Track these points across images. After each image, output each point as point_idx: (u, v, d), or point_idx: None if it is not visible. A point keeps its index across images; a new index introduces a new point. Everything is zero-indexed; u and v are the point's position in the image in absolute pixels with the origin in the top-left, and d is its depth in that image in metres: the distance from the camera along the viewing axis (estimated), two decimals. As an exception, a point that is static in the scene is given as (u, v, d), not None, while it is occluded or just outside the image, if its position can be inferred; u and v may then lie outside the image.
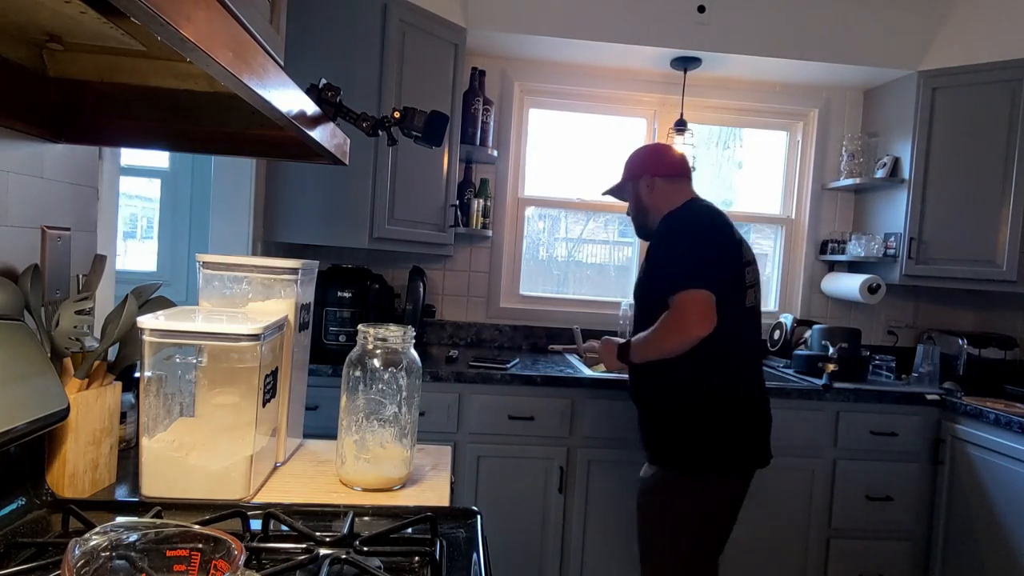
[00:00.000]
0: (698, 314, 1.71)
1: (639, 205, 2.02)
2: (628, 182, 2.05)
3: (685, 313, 1.72)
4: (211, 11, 0.60)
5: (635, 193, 2.02)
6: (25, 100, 1.01)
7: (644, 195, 1.99)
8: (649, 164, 2.01)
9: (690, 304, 1.71)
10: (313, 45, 2.42)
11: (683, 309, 1.72)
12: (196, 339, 1.00)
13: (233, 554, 0.61)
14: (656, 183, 1.97)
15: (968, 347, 2.84)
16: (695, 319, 1.71)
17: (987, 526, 2.34)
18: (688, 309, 1.72)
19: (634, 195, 2.03)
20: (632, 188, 2.03)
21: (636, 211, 2.04)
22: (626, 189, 2.07)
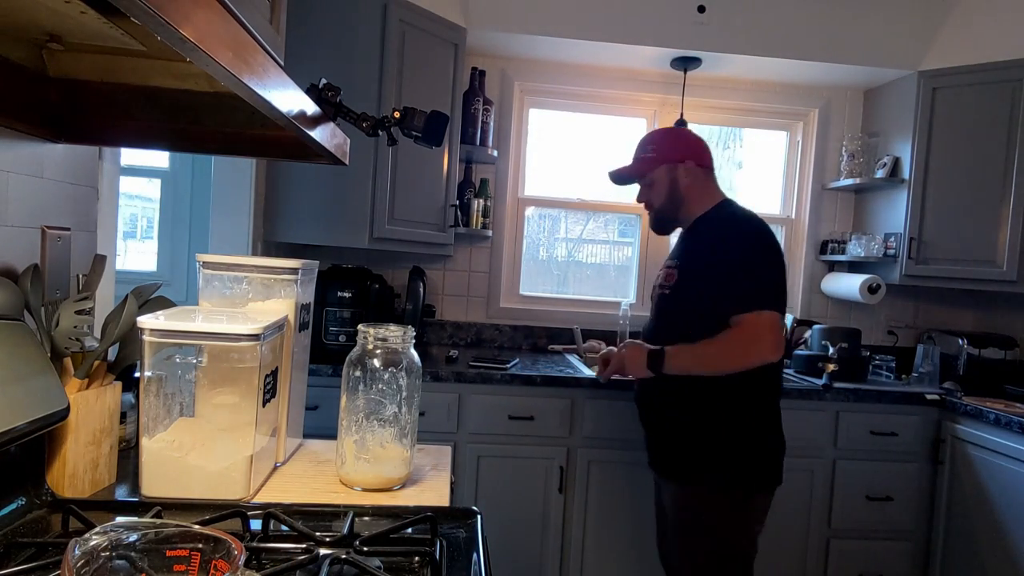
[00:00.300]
0: (775, 340, 1.59)
1: (673, 194, 1.78)
2: (661, 165, 1.78)
3: (761, 335, 1.59)
4: (211, 11, 0.60)
5: (670, 179, 1.78)
6: (25, 100, 1.01)
7: (683, 184, 1.77)
8: (692, 150, 1.79)
9: (768, 327, 1.59)
10: (313, 45, 2.42)
11: (760, 330, 1.59)
12: (196, 339, 1.00)
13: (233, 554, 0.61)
14: (698, 173, 1.78)
15: (968, 347, 2.84)
16: (771, 345, 1.59)
17: (987, 526, 2.34)
18: (765, 332, 1.59)
19: (668, 182, 1.78)
20: (667, 174, 1.78)
21: (667, 201, 1.80)
22: (654, 173, 1.80)
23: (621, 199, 3.26)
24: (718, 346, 1.63)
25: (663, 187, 1.80)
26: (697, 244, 1.75)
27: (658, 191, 1.81)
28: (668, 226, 1.85)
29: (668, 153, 1.79)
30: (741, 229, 1.69)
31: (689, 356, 1.67)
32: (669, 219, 1.84)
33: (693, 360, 1.67)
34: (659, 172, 1.79)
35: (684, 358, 1.68)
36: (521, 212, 3.21)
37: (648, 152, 1.81)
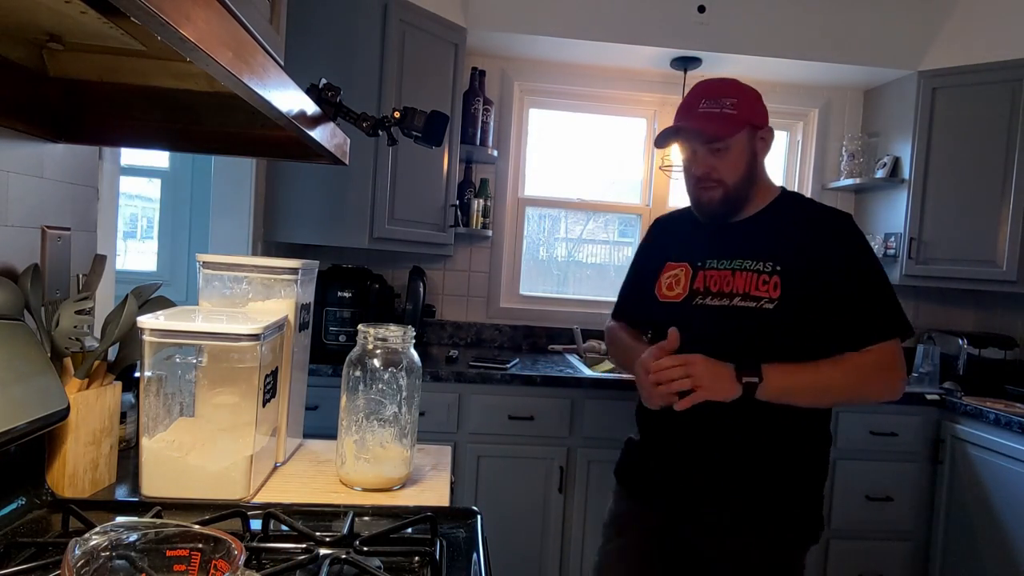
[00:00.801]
0: (905, 372, 1.36)
1: (751, 169, 1.40)
2: (744, 127, 1.37)
3: (900, 364, 1.34)
4: (211, 11, 0.60)
5: (751, 149, 1.40)
6: (25, 100, 1.01)
7: (762, 157, 1.43)
8: (766, 112, 1.43)
9: (902, 356, 1.34)
10: (313, 45, 2.42)
11: (899, 360, 1.33)
12: (196, 339, 1.00)
13: (233, 554, 0.61)
14: (770, 144, 1.44)
15: (968, 347, 2.84)
16: (904, 377, 1.35)
17: (987, 526, 2.34)
18: (902, 361, 1.34)
19: (749, 152, 1.39)
20: (749, 141, 1.39)
21: (744, 177, 1.39)
22: (735, 137, 1.37)
23: (621, 199, 3.26)
24: (846, 371, 1.30)
25: (742, 158, 1.38)
26: (804, 243, 1.35)
27: (735, 162, 1.37)
28: (732, 212, 1.42)
29: (753, 113, 1.38)
30: (856, 230, 1.39)
31: (800, 378, 1.30)
32: (740, 201, 1.41)
33: (806, 383, 1.30)
34: (741, 137, 1.36)
35: (791, 380, 1.30)
36: (521, 212, 3.21)
37: (728, 107, 1.35)
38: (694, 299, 1.42)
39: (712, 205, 1.41)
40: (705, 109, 1.37)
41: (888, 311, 1.33)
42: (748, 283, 1.36)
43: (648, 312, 1.52)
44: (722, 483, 1.38)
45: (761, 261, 1.37)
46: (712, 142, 1.36)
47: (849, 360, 1.31)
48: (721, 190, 1.39)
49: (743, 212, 1.43)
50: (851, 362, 1.31)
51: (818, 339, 1.33)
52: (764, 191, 1.44)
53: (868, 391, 1.35)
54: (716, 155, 1.38)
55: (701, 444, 1.39)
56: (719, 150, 1.37)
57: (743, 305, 1.35)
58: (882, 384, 1.34)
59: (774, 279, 1.34)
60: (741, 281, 1.37)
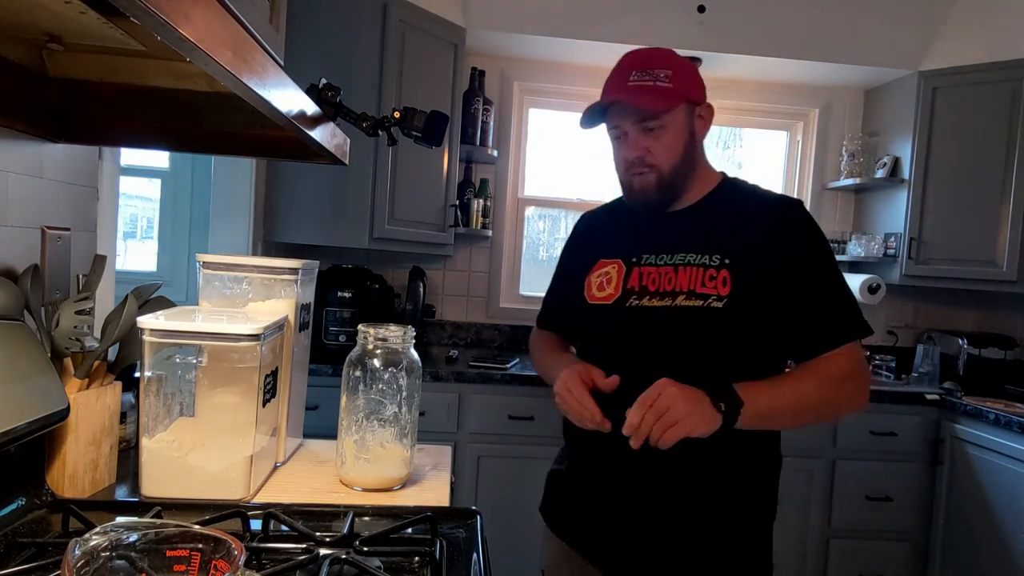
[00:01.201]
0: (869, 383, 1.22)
1: (689, 150, 1.22)
2: (682, 102, 1.19)
3: (866, 373, 1.20)
4: (210, 11, 0.60)
5: (689, 127, 1.21)
6: (25, 100, 1.01)
7: (700, 135, 1.24)
8: (704, 89, 1.25)
9: (864, 361, 1.21)
10: (313, 45, 2.42)
11: (864, 366, 1.19)
12: (196, 339, 1.00)
13: (233, 554, 0.61)
14: (709, 122, 1.26)
15: (968, 347, 2.84)
16: (867, 392, 1.21)
17: (987, 526, 2.34)
18: (866, 368, 1.21)
19: (687, 130, 1.21)
20: (687, 117, 1.21)
21: (682, 160, 1.20)
22: (672, 114, 1.18)
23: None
24: (821, 384, 1.14)
25: (679, 137, 1.20)
26: (754, 233, 1.18)
27: (671, 142, 1.19)
28: (669, 200, 1.24)
29: (690, 86, 1.20)
30: (808, 218, 1.22)
31: (779, 398, 1.12)
32: (678, 187, 1.23)
33: (786, 403, 1.13)
34: (677, 114, 1.19)
35: (770, 401, 1.11)
36: (521, 212, 3.21)
37: (662, 79, 1.17)
38: (628, 300, 1.21)
39: (646, 192, 1.22)
40: (636, 82, 1.17)
41: (847, 310, 1.18)
42: (693, 279, 1.17)
43: (577, 318, 1.32)
44: (663, 529, 1.18)
45: (707, 254, 1.18)
46: (645, 120, 1.17)
47: (820, 370, 1.15)
48: (655, 175, 1.20)
49: (681, 200, 1.25)
50: (823, 373, 1.15)
51: (770, 343, 1.18)
52: (704, 177, 1.26)
53: (842, 405, 1.18)
54: (650, 135, 1.19)
55: (637, 478, 1.17)
56: (653, 129, 1.18)
57: (688, 305, 1.15)
58: (853, 395, 1.17)
59: (722, 274, 1.16)
60: (685, 277, 1.18)
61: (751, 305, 1.14)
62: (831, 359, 1.15)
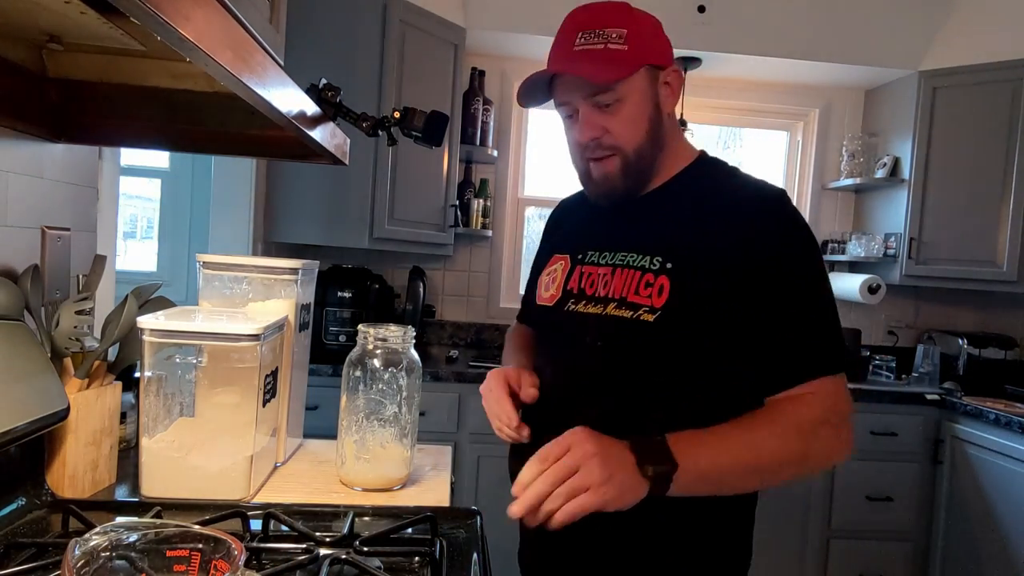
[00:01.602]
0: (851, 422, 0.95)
1: (655, 125, 0.99)
2: (640, 66, 0.96)
3: (846, 413, 0.94)
4: (210, 11, 0.60)
5: (651, 98, 0.99)
6: (25, 100, 1.01)
7: (666, 106, 1.01)
8: (669, 44, 1.02)
9: (848, 400, 0.95)
10: (313, 45, 2.42)
11: (845, 406, 0.94)
12: (196, 339, 1.00)
13: (233, 554, 0.61)
14: (678, 90, 1.02)
15: (968, 347, 2.84)
16: (850, 431, 0.95)
17: (987, 526, 2.34)
18: (848, 408, 0.94)
19: (650, 101, 0.98)
20: (649, 85, 0.98)
21: (647, 136, 0.98)
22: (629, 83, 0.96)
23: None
24: (786, 434, 0.88)
25: (642, 111, 0.97)
26: (711, 232, 0.95)
27: (632, 118, 0.97)
28: (637, 188, 1.02)
29: (650, 47, 0.97)
30: (789, 214, 0.96)
31: (725, 455, 0.86)
32: (645, 172, 1.01)
33: (734, 462, 0.87)
34: (637, 82, 0.96)
35: (713, 459, 0.86)
36: (521, 212, 3.21)
37: (615, 40, 0.95)
38: (566, 303, 1.03)
39: (609, 182, 1.00)
40: (584, 46, 0.96)
41: (824, 336, 0.92)
42: (628, 284, 0.97)
43: (530, 318, 1.21)
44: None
45: (648, 255, 0.97)
46: (597, 93, 0.96)
47: (784, 415, 0.89)
48: (618, 160, 0.98)
49: (646, 183, 1.02)
50: (788, 418, 0.88)
51: (713, 373, 0.94)
52: (674, 157, 1.03)
53: (812, 460, 0.91)
54: (605, 112, 0.97)
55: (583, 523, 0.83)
56: (609, 105, 0.96)
57: (617, 315, 0.95)
58: (830, 447, 0.91)
59: (660, 280, 0.94)
60: (619, 281, 0.98)
61: (692, 321, 0.91)
62: (800, 401, 0.89)
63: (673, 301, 0.92)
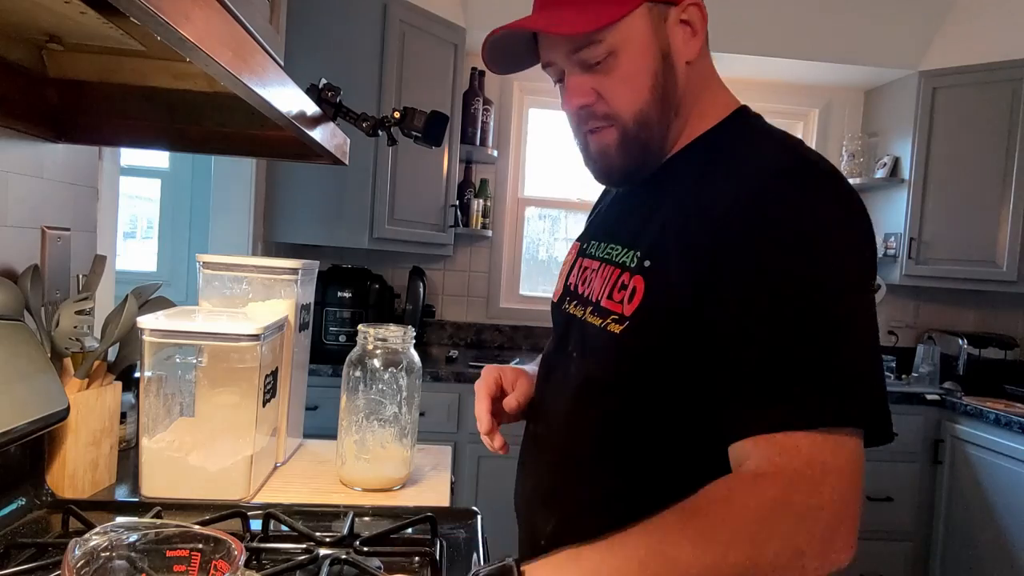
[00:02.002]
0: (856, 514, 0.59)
1: (662, 79, 0.75)
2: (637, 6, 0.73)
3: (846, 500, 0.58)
4: (210, 11, 0.60)
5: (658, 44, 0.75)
6: (25, 100, 1.01)
7: (683, 52, 0.76)
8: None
9: (851, 481, 0.58)
10: (313, 45, 2.42)
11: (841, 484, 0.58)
12: (196, 339, 1.00)
13: (233, 554, 0.61)
14: (701, 30, 0.77)
15: (968, 347, 2.84)
16: (852, 529, 0.58)
17: (987, 526, 2.33)
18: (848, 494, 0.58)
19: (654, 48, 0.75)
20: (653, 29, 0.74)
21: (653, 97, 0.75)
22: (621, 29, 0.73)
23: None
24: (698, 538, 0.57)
25: (643, 63, 0.75)
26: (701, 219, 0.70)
27: (631, 74, 0.75)
28: (645, 166, 0.80)
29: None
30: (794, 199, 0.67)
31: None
32: (654, 145, 0.78)
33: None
34: (633, 25, 0.74)
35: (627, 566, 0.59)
36: (521, 212, 3.21)
37: None
38: (564, 301, 0.89)
39: (608, 159, 0.79)
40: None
41: (826, 367, 0.60)
42: (605, 284, 0.79)
43: None
44: None
45: (630, 248, 0.77)
46: (581, 48, 0.75)
47: (713, 502, 0.59)
48: (616, 131, 0.77)
49: (665, 152, 0.80)
50: (718, 508, 0.59)
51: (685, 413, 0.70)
52: (699, 118, 0.79)
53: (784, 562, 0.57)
54: (595, 70, 0.76)
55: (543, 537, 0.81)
56: (598, 62, 0.75)
57: (590, 322, 0.79)
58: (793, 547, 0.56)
59: (634, 282, 0.73)
60: (600, 280, 0.80)
61: (659, 338, 0.70)
62: (746, 471, 0.60)
63: (642, 310, 0.71)
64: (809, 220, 0.65)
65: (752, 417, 0.60)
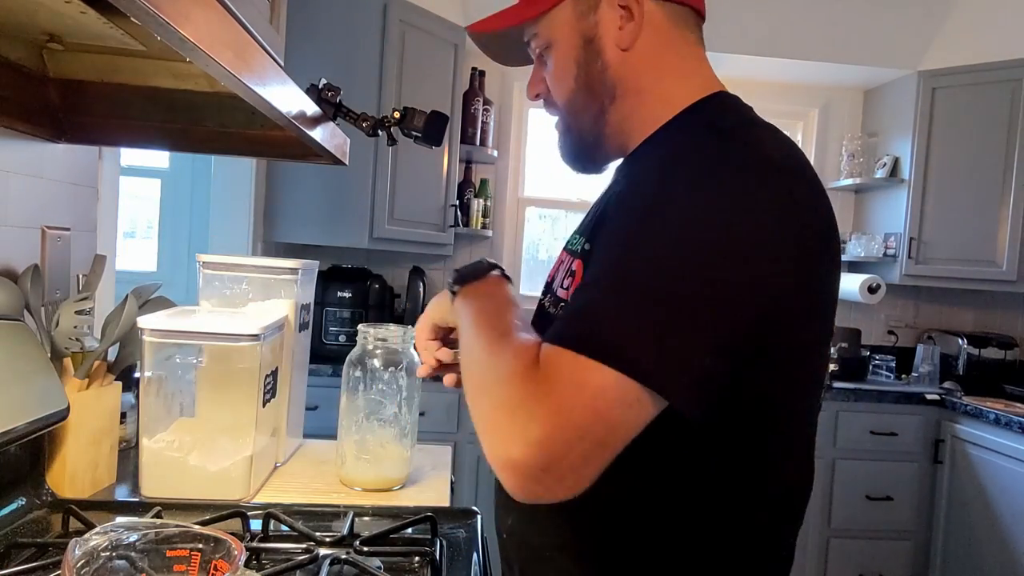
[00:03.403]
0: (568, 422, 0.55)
1: (585, 69, 0.76)
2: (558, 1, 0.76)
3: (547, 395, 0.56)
4: (211, 11, 0.60)
5: (583, 34, 0.76)
6: (25, 100, 1.01)
7: (613, 39, 0.75)
8: None
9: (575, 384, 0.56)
10: (313, 45, 2.42)
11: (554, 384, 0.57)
12: (196, 339, 1.00)
13: (233, 554, 0.61)
14: (657, 16, 0.76)
15: (968, 347, 2.84)
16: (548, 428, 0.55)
17: (987, 526, 2.34)
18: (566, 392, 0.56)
19: (578, 39, 0.76)
20: (576, 20, 0.76)
21: (578, 86, 0.77)
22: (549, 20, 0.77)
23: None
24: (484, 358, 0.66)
25: (568, 53, 0.77)
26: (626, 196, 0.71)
27: (557, 63, 0.78)
28: (587, 154, 0.83)
29: None
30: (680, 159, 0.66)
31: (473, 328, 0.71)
32: (586, 134, 0.79)
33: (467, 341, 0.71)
34: (558, 19, 0.76)
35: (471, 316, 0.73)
36: (521, 212, 3.21)
37: None
38: (543, 297, 0.85)
39: (561, 146, 0.84)
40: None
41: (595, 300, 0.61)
42: (561, 272, 0.81)
43: None
44: None
45: (581, 235, 0.79)
46: (528, 42, 0.80)
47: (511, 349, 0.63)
48: (561, 121, 0.82)
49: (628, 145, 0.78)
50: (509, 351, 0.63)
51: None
52: (660, 105, 0.75)
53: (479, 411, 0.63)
54: (541, 62, 0.80)
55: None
56: (540, 55, 0.79)
57: (551, 312, 0.80)
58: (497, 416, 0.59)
59: (576, 265, 0.76)
60: (561, 272, 0.81)
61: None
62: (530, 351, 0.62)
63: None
64: (677, 185, 0.63)
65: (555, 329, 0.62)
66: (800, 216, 0.63)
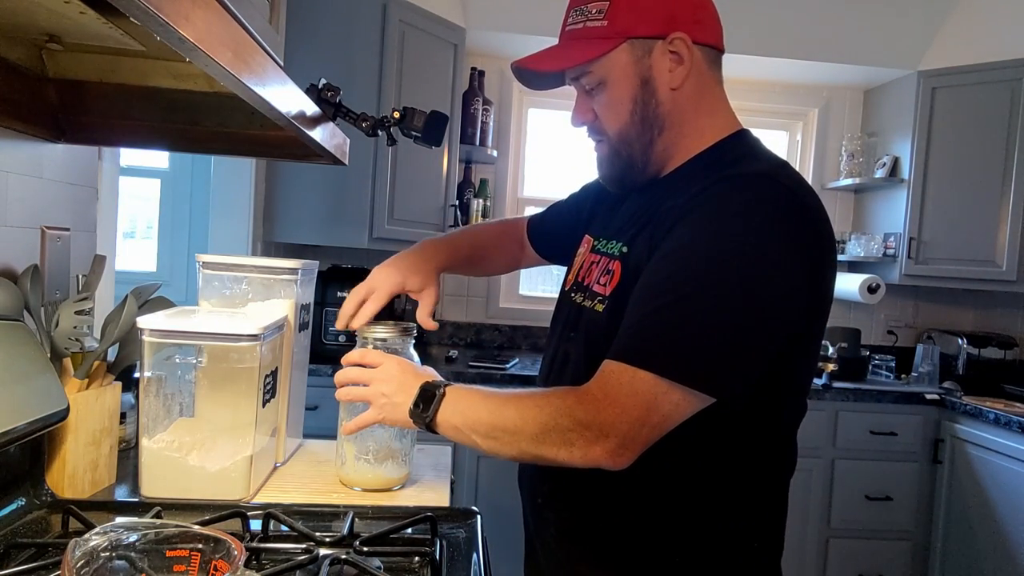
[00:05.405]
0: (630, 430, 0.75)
1: (641, 106, 0.88)
2: (622, 41, 0.86)
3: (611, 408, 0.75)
4: (210, 11, 0.60)
5: (639, 74, 0.87)
6: (25, 100, 1.01)
7: (665, 81, 0.87)
8: (683, 8, 0.87)
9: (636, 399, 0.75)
10: (313, 45, 2.42)
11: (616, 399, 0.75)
12: (196, 339, 1.00)
13: (233, 554, 0.61)
14: (698, 59, 0.88)
15: (968, 347, 2.84)
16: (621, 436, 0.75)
17: (987, 526, 2.34)
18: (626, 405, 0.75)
19: (635, 78, 0.87)
20: (634, 63, 0.87)
21: (633, 120, 0.89)
22: (608, 61, 0.88)
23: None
24: (534, 406, 0.80)
25: (625, 91, 0.88)
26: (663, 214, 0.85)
27: (616, 99, 0.89)
28: (630, 176, 0.94)
29: (637, 17, 0.86)
30: (729, 197, 0.80)
31: (478, 411, 0.85)
32: (637, 158, 0.91)
33: (479, 422, 0.84)
34: (618, 59, 0.87)
35: (464, 414, 0.86)
36: (521, 212, 3.21)
37: (594, 16, 0.88)
38: (573, 291, 1.01)
39: (603, 169, 0.97)
40: (571, 26, 0.91)
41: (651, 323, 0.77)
42: (597, 271, 0.94)
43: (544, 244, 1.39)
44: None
45: (618, 241, 0.93)
46: (579, 76, 0.91)
47: (561, 391, 0.82)
48: (606, 147, 0.93)
49: (660, 169, 0.93)
50: (559, 393, 0.81)
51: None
52: (695, 137, 0.90)
53: (546, 448, 0.78)
54: (592, 95, 0.91)
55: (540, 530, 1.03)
56: (590, 88, 0.91)
57: (586, 306, 0.94)
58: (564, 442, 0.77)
59: (615, 265, 0.90)
60: (596, 271, 0.95)
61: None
62: (586, 387, 0.79)
63: (618, 289, 0.87)
64: (726, 214, 0.79)
65: (617, 347, 0.79)
66: (824, 247, 0.82)
